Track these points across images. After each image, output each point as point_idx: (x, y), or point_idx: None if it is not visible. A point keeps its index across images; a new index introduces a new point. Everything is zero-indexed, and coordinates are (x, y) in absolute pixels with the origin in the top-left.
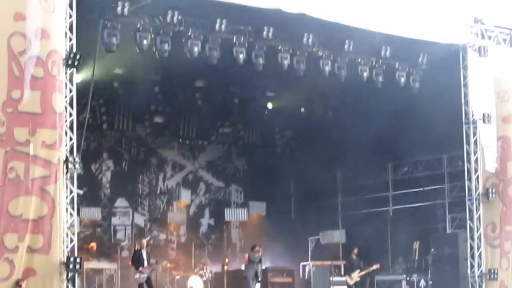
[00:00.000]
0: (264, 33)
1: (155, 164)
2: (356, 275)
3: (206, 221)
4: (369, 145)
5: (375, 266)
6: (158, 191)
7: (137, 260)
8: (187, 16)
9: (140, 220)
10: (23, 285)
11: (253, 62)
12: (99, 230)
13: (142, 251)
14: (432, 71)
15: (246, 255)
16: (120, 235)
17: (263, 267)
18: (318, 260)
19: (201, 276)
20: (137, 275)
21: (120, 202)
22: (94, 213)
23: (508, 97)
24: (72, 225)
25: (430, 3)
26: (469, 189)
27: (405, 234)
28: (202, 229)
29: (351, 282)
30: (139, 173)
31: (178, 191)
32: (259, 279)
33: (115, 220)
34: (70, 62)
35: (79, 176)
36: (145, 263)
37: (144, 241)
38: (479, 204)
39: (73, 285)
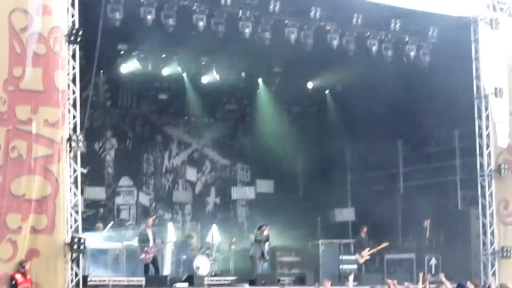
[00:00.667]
0: (271, 6)
1: (160, 142)
2: (365, 254)
3: (212, 200)
4: (379, 120)
5: (384, 244)
6: (164, 170)
7: (142, 240)
8: None
9: (145, 199)
10: (27, 266)
11: (259, 37)
12: (102, 210)
13: (148, 231)
14: (442, 45)
15: (253, 235)
16: (124, 214)
17: (272, 246)
18: (327, 239)
19: (207, 256)
20: (142, 255)
21: (124, 181)
22: (98, 192)
23: None
24: (76, 205)
25: None
26: (481, 165)
27: (415, 211)
28: (208, 208)
29: (361, 261)
30: (143, 151)
31: (184, 170)
32: (266, 258)
33: (119, 200)
34: (72, 38)
35: (82, 155)
36: (151, 243)
37: (150, 221)
38: (491, 180)
39: (78, 265)
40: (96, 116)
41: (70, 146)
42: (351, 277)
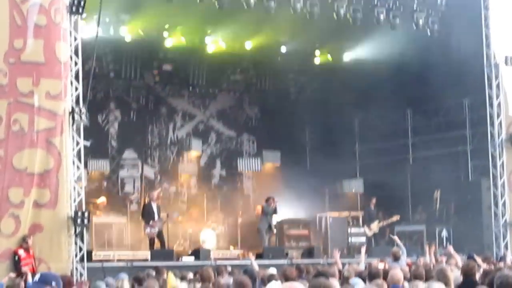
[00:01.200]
0: None
1: (165, 114)
2: (374, 226)
3: (218, 172)
4: (387, 90)
5: (395, 218)
6: (168, 142)
7: (147, 214)
8: None
9: (149, 172)
10: (30, 241)
11: (265, 5)
12: (106, 183)
13: (152, 204)
14: (451, 12)
15: (260, 207)
16: (128, 187)
17: (279, 220)
18: (336, 211)
19: (213, 228)
20: (148, 229)
21: (128, 154)
22: (102, 165)
23: None
24: (79, 178)
25: None
26: (492, 135)
27: (425, 182)
28: (214, 180)
29: (369, 233)
30: (148, 123)
31: (189, 142)
32: (274, 231)
33: (123, 173)
34: (74, 9)
35: (85, 128)
36: (156, 217)
37: (155, 193)
38: (502, 150)
39: (82, 240)
40: (99, 88)
41: (73, 118)
42: (363, 249)
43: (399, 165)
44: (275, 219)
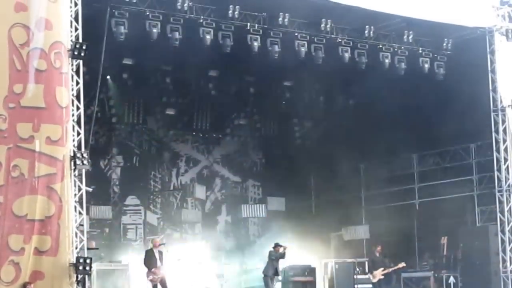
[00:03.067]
0: (280, 19)
1: (168, 159)
2: (378, 273)
3: (223, 218)
4: (393, 135)
5: (401, 265)
6: (172, 188)
7: (149, 261)
8: (198, 2)
9: (152, 218)
10: None
11: (268, 50)
12: (108, 230)
13: (154, 250)
14: (457, 57)
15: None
16: (131, 234)
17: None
18: (341, 257)
19: (218, 276)
20: (150, 277)
21: (131, 200)
22: (104, 211)
23: None
24: (81, 225)
25: None
26: (499, 180)
27: (432, 228)
28: (219, 226)
29: (373, 280)
30: (151, 169)
31: (193, 187)
32: (279, 278)
33: (125, 219)
34: (76, 53)
35: (87, 173)
36: (158, 263)
37: (157, 240)
38: (509, 195)
39: (84, 287)
40: (102, 133)
41: (75, 164)
42: None
43: (405, 210)
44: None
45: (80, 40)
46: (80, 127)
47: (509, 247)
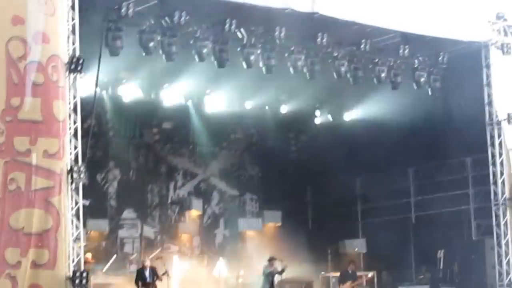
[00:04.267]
0: (276, 33)
1: (165, 173)
2: (348, 286)
3: (221, 231)
4: (389, 149)
5: (367, 277)
6: (169, 201)
7: (139, 279)
8: (195, 16)
9: (149, 232)
10: None
11: (265, 64)
12: (105, 243)
13: (145, 271)
14: (453, 70)
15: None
16: (128, 248)
17: (280, 279)
18: (338, 271)
19: None
20: None
21: (128, 214)
22: (101, 225)
23: None
24: (78, 238)
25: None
26: (495, 194)
27: (428, 242)
28: (217, 240)
29: None
30: (148, 182)
31: (189, 201)
32: None
33: (122, 233)
34: (73, 66)
35: (84, 187)
36: (148, 280)
37: (147, 262)
38: (505, 209)
39: None
40: (98, 146)
41: (72, 177)
42: None
43: (402, 224)
44: (278, 278)
45: (77, 54)
46: (77, 140)
47: (505, 261)
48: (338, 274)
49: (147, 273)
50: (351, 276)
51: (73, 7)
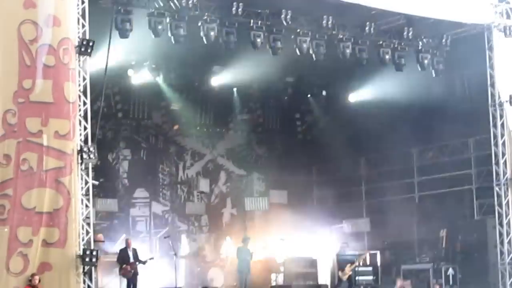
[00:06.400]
0: (282, 16)
1: (174, 153)
2: (348, 270)
3: (228, 210)
4: (392, 130)
5: (363, 256)
6: (179, 181)
7: (121, 258)
8: None
9: (160, 210)
10: (35, 279)
11: (271, 46)
12: (116, 221)
13: (128, 249)
14: (456, 53)
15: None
16: (140, 226)
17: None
18: (342, 250)
19: (221, 267)
20: (122, 271)
21: (140, 193)
22: (110, 204)
23: None
24: (87, 217)
25: None
26: (497, 174)
27: (431, 221)
28: (225, 219)
29: (344, 278)
30: (158, 162)
31: (197, 181)
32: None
33: (134, 211)
34: (83, 49)
35: (95, 167)
36: (131, 260)
37: (130, 242)
38: (507, 189)
39: (90, 278)
40: (108, 127)
41: (82, 158)
42: None
43: (405, 204)
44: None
45: (87, 37)
46: (86, 121)
47: (507, 240)
48: (342, 253)
49: (130, 253)
50: (349, 260)
51: None
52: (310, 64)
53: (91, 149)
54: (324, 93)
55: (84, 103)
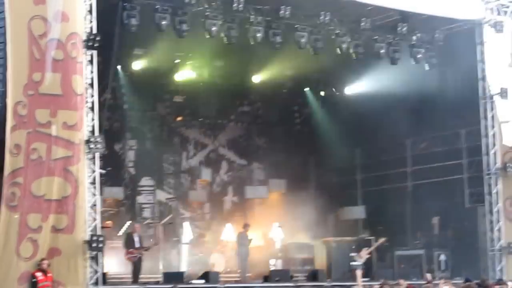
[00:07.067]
0: (281, 11)
1: (178, 143)
2: (364, 254)
3: (229, 198)
4: (387, 121)
5: (381, 241)
6: (182, 169)
7: (127, 243)
8: None
9: (163, 198)
10: (45, 263)
11: (270, 41)
12: (123, 209)
13: (134, 235)
14: (449, 47)
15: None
16: (147, 213)
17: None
18: (338, 236)
19: (223, 253)
20: (127, 256)
21: (146, 181)
22: (116, 192)
23: None
24: (94, 205)
25: None
26: (487, 164)
27: (424, 209)
28: (226, 206)
29: (361, 261)
30: (163, 152)
31: (199, 170)
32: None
33: (140, 199)
34: (90, 43)
35: (103, 156)
36: (136, 245)
37: (137, 227)
38: (497, 178)
39: (97, 263)
40: (115, 118)
41: (89, 147)
42: (358, 272)
43: (399, 192)
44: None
45: (94, 32)
46: (93, 113)
47: (496, 227)
48: (338, 239)
49: (136, 237)
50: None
51: None
52: (308, 58)
53: (98, 139)
54: (321, 86)
55: (91, 95)
